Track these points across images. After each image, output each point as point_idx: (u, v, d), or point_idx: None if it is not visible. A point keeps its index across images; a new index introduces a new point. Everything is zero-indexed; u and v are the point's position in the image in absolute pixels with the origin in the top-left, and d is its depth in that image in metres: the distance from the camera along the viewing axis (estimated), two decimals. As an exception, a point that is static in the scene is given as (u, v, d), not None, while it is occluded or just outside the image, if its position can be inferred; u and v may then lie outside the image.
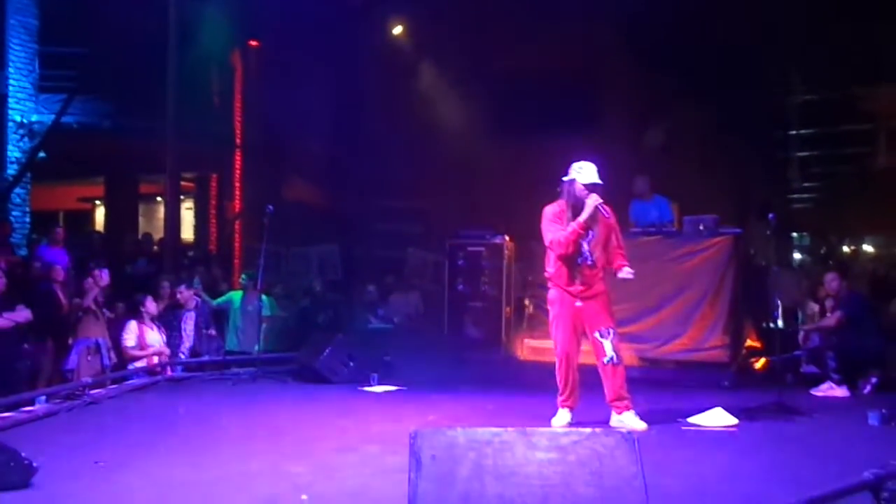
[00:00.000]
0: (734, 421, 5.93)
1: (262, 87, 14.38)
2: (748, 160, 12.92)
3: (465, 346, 9.83)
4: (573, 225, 5.63)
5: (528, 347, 9.54)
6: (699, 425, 5.89)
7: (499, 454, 2.82)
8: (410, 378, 7.93)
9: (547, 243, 5.74)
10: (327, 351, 8.10)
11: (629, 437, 2.83)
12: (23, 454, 4.05)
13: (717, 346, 8.33)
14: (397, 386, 7.72)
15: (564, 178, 5.83)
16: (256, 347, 9.36)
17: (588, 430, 2.88)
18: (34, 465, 4.04)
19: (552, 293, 5.85)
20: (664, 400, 7.04)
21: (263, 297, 9.08)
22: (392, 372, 8.14)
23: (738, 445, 5.28)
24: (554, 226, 5.72)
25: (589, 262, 5.73)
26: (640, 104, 12.62)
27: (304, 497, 3.97)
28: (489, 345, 9.79)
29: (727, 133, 11.92)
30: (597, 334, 5.70)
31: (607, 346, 5.68)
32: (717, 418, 5.97)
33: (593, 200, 5.65)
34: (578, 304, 5.70)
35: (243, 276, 10.99)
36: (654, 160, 11.40)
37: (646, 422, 5.81)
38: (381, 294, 11.76)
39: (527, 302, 10.27)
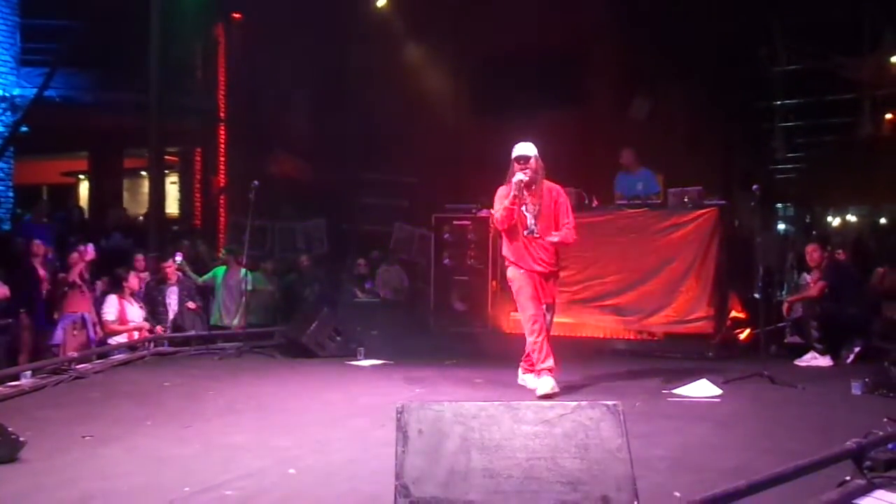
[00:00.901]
0: (719, 392, 6.00)
1: (246, 61, 14.22)
2: (732, 131, 12.92)
3: (452, 320, 9.85)
4: (505, 202, 6.07)
5: (514, 321, 9.55)
6: (684, 396, 5.95)
7: (485, 428, 2.84)
8: (397, 352, 7.95)
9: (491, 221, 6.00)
10: (314, 325, 8.10)
11: (614, 408, 2.85)
12: (10, 429, 4.04)
13: (702, 317, 8.40)
14: (384, 360, 7.74)
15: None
16: (235, 321, 9.38)
17: (574, 403, 2.89)
18: (21, 439, 4.03)
19: (510, 270, 6.21)
20: (649, 371, 7.11)
21: (244, 270, 9.05)
22: (379, 346, 8.15)
23: (723, 416, 5.33)
24: (498, 204, 6.18)
25: (535, 235, 6.08)
26: (624, 77, 12.57)
27: (291, 471, 3.99)
28: (475, 318, 9.81)
29: (712, 105, 11.91)
30: (544, 306, 6.10)
31: (549, 318, 6.16)
32: (701, 389, 6.04)
33: (517, 177, 6.03)
34: (538, 268, 6.10)
35: (224, 250, 10.95)
36: (640, 132, 11.38)
37: (631, 393, 5.90)
38: (369, 268, 11.75)
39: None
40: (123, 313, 8.37)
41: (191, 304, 9.24)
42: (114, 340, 8.22)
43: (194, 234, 12.96)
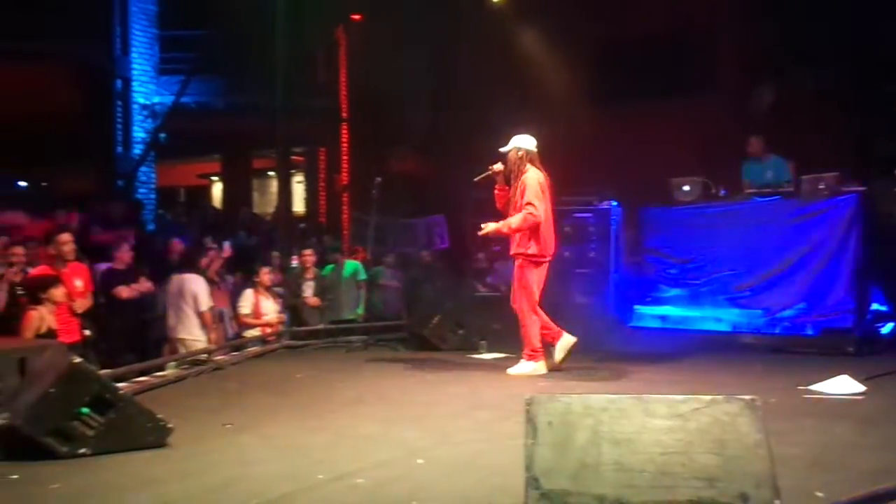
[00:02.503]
0: (861, 388, 5.67)
1: (366, 61, 14.55)
2: (870, 115, 12.20)
3: (573, 314, 9.75)
4: None
5: (639, 314, 9.40)
6: (823, 393, 5.67)
7: (615, 421, 2.80)
8: (519, 345, 7.93)
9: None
10: (436, 319, 8.21)
11: (752, 403, 2.75)
12: (158, 416, 4.30)
13: (841, 310, 7.98)
14: (506, 353, 7.75)
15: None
16: (355, 312, 9.60)
17: (708, 397, 2.81)
18: (169, 425, 4.28)
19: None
20: (782, 367, 6.82)
21: (356, 263, 9.28)
22: (501, 339, 8.17)
23: (865, 414, 5.04)
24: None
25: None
26: (752, 62, 12.09)
27: (419, 461, 4.07)
28: (597, 312, 9.68)
29: (846, 88, 11.29)
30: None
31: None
32: (842, 386, 5.73)
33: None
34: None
35: (346, 246, 11.21)
36: (768, 118, 10.93)
37: (763, 389, 5.66)
38: (489, 262, 11.79)
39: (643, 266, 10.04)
40: (258, 307, 8.74)
41: (313, 300, 9.54)
42: (248, 333, 8.59)
43: (320, 231, 13.39)
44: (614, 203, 9.88)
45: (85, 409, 4.11)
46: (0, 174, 14.38)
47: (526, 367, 6.47)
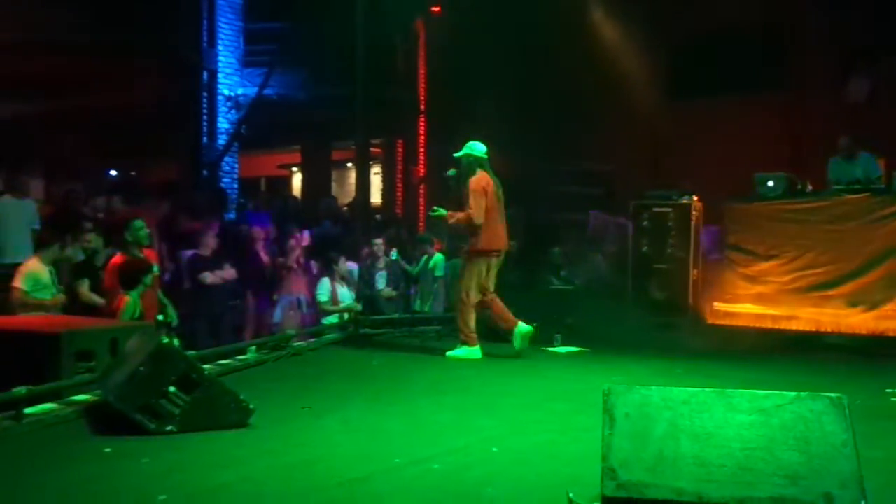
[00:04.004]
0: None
1: (444, 53, 14.59)
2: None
3: (650, 309, 9.62)
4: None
5: (718, 311, 9.20)
6: (912, 397, 5.47)
7: (696, 414, 2.77)
8: (594, 340, 7.89)
9: None
10: (510, 311, 8.20)
11: (839, 402, 2.69)
12: (241, 397, 4.44)
13: (934, 312, 7.66)
14: (581, 347, 7.71)
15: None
16: (427, 306, 9.67)
17: (793, 393, 2.75)
18: (251, 406, 4.42)
19: None
20: (868, 369, 6.61)
21: (440, 256, 9.33)
22: (575, 333, 8.12)
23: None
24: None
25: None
26: (841, 55, 11.65)
27: (493, 449, 4.10)
28: (675, 308, 9.51)
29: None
30: None
31: None
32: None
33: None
34: None
35: (419, 238, 11.24)
36: (858, 113, 10.54)
37: (847, 390, 5.45)
38: (565, 256, 11.72)
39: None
40: (335, 295, 8.90)
41: (387, 291, 9.64)
42: (326, 320, 8.75)
43: (396, 222, 13.51)
44: (695, 197, 9.68)
45: (172, 388, 4.28)
46: (93, 164, 14.99)
47: (461, 352, 7.05)
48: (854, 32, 11.13)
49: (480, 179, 7.08)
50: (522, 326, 7.13)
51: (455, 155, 7.37)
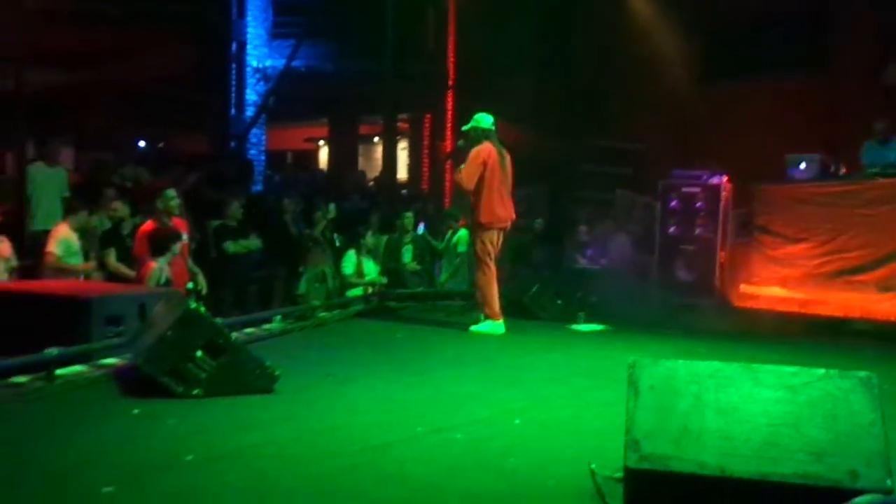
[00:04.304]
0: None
1: (474, 27, 14.48)
2: None
3: (676, 290, 9.56)
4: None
5: (745, 293, 9.12)
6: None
7: (721, 389, 2.75)
8: (618, 319, 7.86)
9: None
10: (535, 288, 8.21)
11: (868, 381, 2.66)
12: (267, 363, 4.49)
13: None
14: (604, 326, 7.69)
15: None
16: (450, 280, 9.68)
17: (821, 370, 2.73)
18: (276, 373, 4.47)
19: None
20: (898, 354, 6.52)
21: (465, 232, 9.34)
22: (599, 312, 8.10)
23: None
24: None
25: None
26: (877, 38, 11.40)
27: (516, 421, 4.11)
28: (701, 289, 9.44)
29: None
30: None
31: None
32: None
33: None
34: None
35: (444, 213, 11.21)
36: (893, 97, 10.33)
37: (878, 376, 5.42)
38: (590, 235, 11.66)
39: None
40: (360, 268, 8.94)
41: (412, 265, 9.66)
42: (350, 293, 8.80)
43: (422, 197, 13.51)
44: (724, 178, 9.57)
45: (199, 353, 4.34)
46: (123, 134, 15.11)
47: (486, 327, 7.02)
48: (892, 15, 10.88)
49: (482, 150, 7.08)
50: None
51: (463, 128, 7.44)
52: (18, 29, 8.38)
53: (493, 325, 7.01)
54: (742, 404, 2.71)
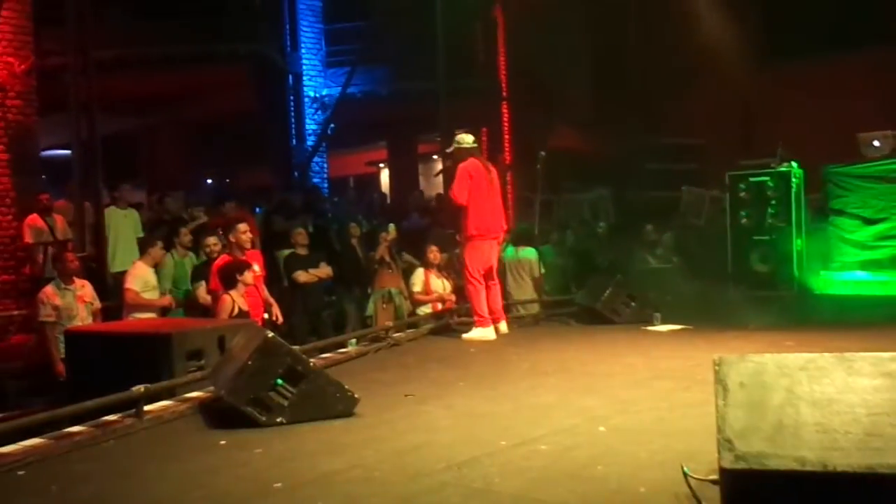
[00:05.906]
0: None
1: (524, 38, 14.46)
2: None
3: (753, 283, 9.30)
4: None
5: (826, 281, 8.82)
6: None
7: (815, 381, 2.64)
8: (695, 317, 7.68)
9: None
10: (607, 292, 8.09)
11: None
12: (346, 387, 4.51)
13: None
14: (682, 325, 7.52)
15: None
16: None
17: (919, 354, 2.60)
18: (356, 396, 4.49)
19: None
20: None
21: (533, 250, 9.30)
22: (675, 311, 7.93)
23: None
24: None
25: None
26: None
27: (601, 429, 4.04)
28: (779, 280, 9.16)
29: None
30: None
31: None
32: None
33: None
34: None
35: (516, 230, 11.13)
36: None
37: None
38: (659, 234, 11.46)
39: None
40: (428, 285, 8.94)
41: None
42: (421, 311, 8.80)
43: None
44: (794, 164, 9.29)
45: (280, 381, 4.39)
46: (189, 173, 15.55)
47: (476, 333, 7.19)
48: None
49: (467, 166, 7.27)
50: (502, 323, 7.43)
51: (447, 150, 7.69)
52: (91, 78, 8.71)
53: (483, 331, 7.21)
54: (838, 395, 2.60)
